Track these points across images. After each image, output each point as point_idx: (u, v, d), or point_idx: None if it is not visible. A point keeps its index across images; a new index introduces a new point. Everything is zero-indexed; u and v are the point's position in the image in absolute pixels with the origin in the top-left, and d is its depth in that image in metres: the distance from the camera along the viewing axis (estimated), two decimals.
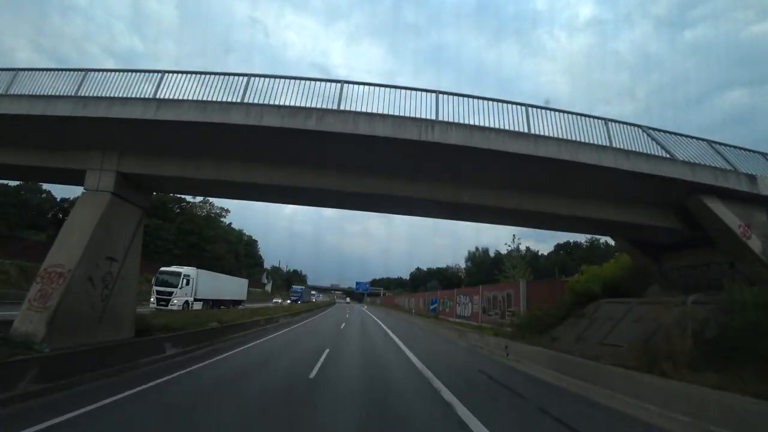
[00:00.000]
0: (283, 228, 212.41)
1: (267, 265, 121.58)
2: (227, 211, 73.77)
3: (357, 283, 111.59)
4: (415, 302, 51.18)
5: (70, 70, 9.52)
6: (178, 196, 67.09)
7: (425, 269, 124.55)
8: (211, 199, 71.16)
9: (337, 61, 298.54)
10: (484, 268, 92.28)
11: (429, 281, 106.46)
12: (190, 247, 57.52)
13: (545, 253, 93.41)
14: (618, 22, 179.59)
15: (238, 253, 79.26)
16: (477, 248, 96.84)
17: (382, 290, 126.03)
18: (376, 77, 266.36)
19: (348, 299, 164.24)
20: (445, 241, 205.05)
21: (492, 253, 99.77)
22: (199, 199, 70.50)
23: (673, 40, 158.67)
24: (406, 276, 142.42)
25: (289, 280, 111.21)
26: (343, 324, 27.69)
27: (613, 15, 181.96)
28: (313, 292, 76.39)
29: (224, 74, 9.23)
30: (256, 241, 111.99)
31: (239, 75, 9.16)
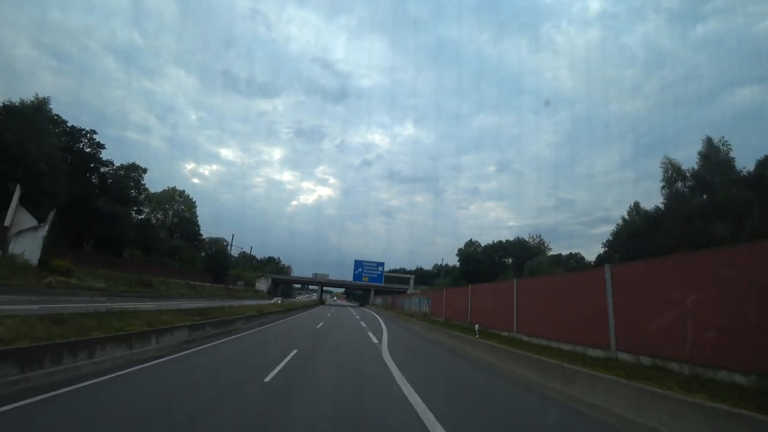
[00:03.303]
0: (282, 225, 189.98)
1: (235, 253, 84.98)
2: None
3: (356, 264, 65.14)
4: None
5: None
6: None
7: (483, 245, 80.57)
8: None
9: (339, 56, 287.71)
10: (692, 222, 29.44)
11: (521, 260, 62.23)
12: None
13: None
14: (628, 16, 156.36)
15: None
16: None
17: (412, 281, 71.19)
18: (377, 73, 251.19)
19: (336, 298, 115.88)
20: (447, 240, 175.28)
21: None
22: None
23: (684, 34, 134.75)
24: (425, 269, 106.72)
25: (215, 260, 68.52)
26: None
27: (623, 8, 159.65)
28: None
29: None
30: (193, 203, 68.53)
31: None
